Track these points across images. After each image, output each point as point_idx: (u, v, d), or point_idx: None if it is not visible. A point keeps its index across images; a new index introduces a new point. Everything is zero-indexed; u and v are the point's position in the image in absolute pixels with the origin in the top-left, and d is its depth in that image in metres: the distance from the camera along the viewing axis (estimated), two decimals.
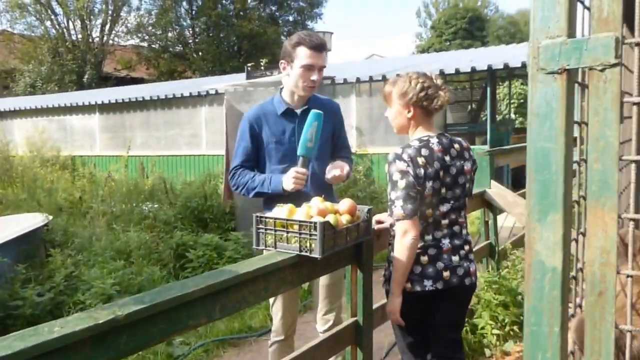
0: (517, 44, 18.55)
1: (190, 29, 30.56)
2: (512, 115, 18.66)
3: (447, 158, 2.61)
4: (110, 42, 29.85)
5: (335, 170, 3.02)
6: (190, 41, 30.60)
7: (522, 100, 20.69)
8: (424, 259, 2.63)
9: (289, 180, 2.88)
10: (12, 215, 7.67)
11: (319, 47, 2.99)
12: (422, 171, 2.52)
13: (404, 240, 2.52)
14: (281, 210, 2.47)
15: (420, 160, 2.53)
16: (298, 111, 3.11)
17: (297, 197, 2.81)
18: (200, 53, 29.47)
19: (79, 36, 28.98)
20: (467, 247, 2.73)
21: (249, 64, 13.51)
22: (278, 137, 3.08)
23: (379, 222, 2.97)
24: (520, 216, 5.13)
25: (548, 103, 1.16)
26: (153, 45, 30.05)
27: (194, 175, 12.00)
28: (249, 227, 2.63)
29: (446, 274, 2.62)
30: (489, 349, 4.21)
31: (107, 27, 29.26)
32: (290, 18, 31.58)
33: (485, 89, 15.12)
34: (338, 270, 3.00)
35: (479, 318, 4.32)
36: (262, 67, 13.20)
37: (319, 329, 3.25)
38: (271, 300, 3.21)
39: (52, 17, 28.79)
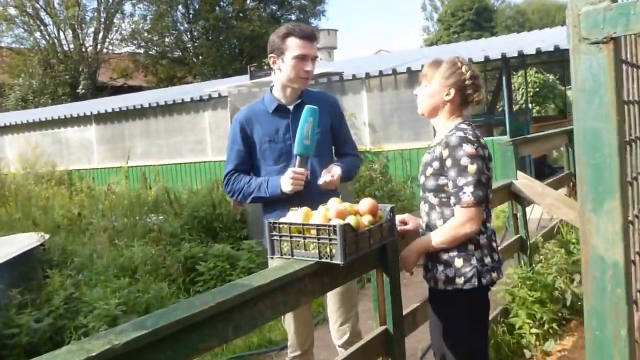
0: (529, 32, 18.46)
1: (188, 33, 30.75)
2: (529, 105, 18.50)
3: None
4: (105, 50, 30.04)
5: (326, 175, 2.93)
6: (189, 45, 30.81)
7: (537, 89, 20.57)
8: (494, 245, 2.64)
9: (287, 182, 2.82)
10: (5, 237, 7.51)
11: (310, 36, 2.95)
12: (486, 152, 2.55)
13: (464, 227, 2.47)
14: (296, 215, 2.38)
15: (482, 141, 2.56)
16: (290, 107, 3.05)
17: (299, 200, 2.74)
18: (200, 57, 29.64)
19: (71, 46, 29.19)
20: None
21: (252, 65, 13.52)
22: (271, 136, 3.01)
23: (403, 222, 2.88)
24: (551, 207, 5.01)
25: (595, 77, 1.07)
26: (150, 52, 30.26)
27: (200, 183, 11.96)
28: (262, 234, 2.56)
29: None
30: (528, 350, 4.13)
31: (101, 35, 29.43)
32: (293, 17, 31.69)
33: (499, 79, 15.04)
34: None
35: (515, 317, 4.24)
36: (266, 67, 13.18)
37: (335, 342, 3.16)
38: None
39: (42, 27, 29.01)
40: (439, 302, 2.68)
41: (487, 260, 2.56)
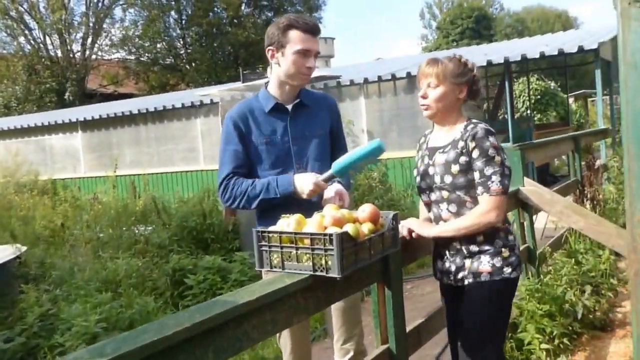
0: (531, 37, 18.50)
1: (180, 39, 30.66)
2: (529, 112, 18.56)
3: None
4: (94, 56, 29.86)
5: (335, 199, 2.68)
6: (182, 52, 30.73)
7: (539, 97, 20.67)
8: (517, 242, 2.75)
9: (306, 187, 2.61)
10: None
11: (314, 29, 2.77)
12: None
13: (489, 215, 2.52)
14: (287, 222, 2.19)
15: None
16: (289, 106, 2.85)
17: (295, 207, 2.53)
18: (193, 64, 29.57)
19: (58, 51, 28.98)
20: None
21: (245, 67, 13.42)
22: (268, 138, 2.81)
23: (410, 230, 2.75)
24: (561, 215, 4.87)
25: None
26: (141, 58, 30.13)
27: (192, 193, 11.79)
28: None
29: None
30: None
31: (89, 40, 29.27)
32: None
33: (501, 85, 15.01)
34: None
35: (523, 332, 4.13)
36: (259, 70, 13.08)
37: None
38: None
39: (26, 32, 28.82)
40: (478, 294, 2.62)
41: (514, 256, 2.65)
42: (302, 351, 2.94)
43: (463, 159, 2.55)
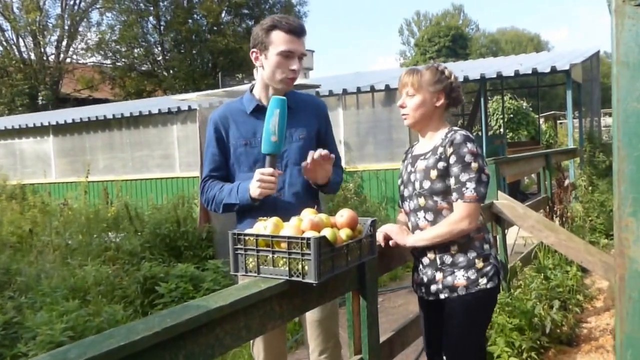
0: (506, 57, 18.80)
1: (159, 45, 30.37)
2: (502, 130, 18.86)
3: None
4: (68, 60, 29.42)
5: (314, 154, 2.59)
6: (160, 58, 30.43)
7: (511, 115, 21.07)
8: (494, 251, 2.68)
9: (253, 185, 2.52)
10: None
11: (299, 30, 2.68)
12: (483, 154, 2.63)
13: (463, 223, 2.49)
14: (265, 225, 2.13)
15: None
16: None
17: (274, 210, 2.49)
18: (171, 71, 29.30)
19: (31, 54, 28.52)
20: None
21: (225, 74, 13.33)
22: (248, 140, 2.74)
23: (386, 237, 2.70)
24: (533, 229, 4.91)
25: None
26: (118, 63, 29.76)
27: (167, 200, 11.65)
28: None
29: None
30: None
31: (64, 43, 28.85)
32: None
33: (476, 102, 15.18)
34: (332, 301, 2.68)
35: (493, 345, 4.14)
36: (238, 77, 13.01)
37: None
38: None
39: None
40: (456, 308, 2.59)
41: (498, 258, 2.69)
42: None
43: (441, 164, 2.54)
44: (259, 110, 2.74)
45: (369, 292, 2.51)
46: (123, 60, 29.55)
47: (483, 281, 2.55)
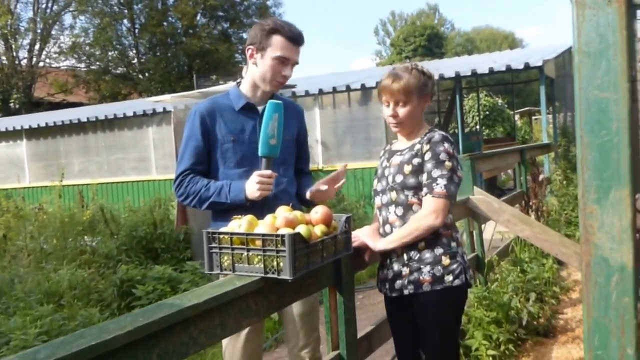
0: (480, 55, 18.96)
1: (133, 48, 30.12)
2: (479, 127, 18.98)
3: None
4: (41, 63, 29.05)
5: (323, 185, 2.75)
6: (135, 61, 30.18)
7: (487, 112, 21.21)
8: (461, 250, 2.69)
9: (252, 187, 2.52)
10: None
11: (298, 38, 2.69)
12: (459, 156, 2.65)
13: (429, 218, 2.48)
14: (239, 223, 2.13)
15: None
16: (260, 107, 2.76)
17: (258, 209, 2.47)
18: (147, 74, 29.08)
19: (3, 58, 28.11)
20: None
21: (200, 76, 13.27)
22: (236, 136, 2.72)
23: (362, 245, 2.68)
24: (508, 223, 4.95)
25: (602, 37, 0.88)
26: (92, 67, 29.45)
27: (143, 203, 11.55)
28: None
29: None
30: None
31: (37, 47, 28.49)
32: (244, 35, 31.45)
33: (452, 100, 15.29)
34: (313, 296, 2.69)
35: (471, 339, 4.13)
36: (213, 79, 12.97)
37: None
38: (224, 342, 2.78)
39: None
40: (421, 305, 2.57)
41: (465, 257, 2.66)
42: None
43: (416, 160, 2.55)
44: (247, 108, 2.76)
45: (346, 288, 2.52)
46: (97, 63, 29.30)
47: (449, 278, 2.53)
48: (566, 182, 9.06)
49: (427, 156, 2.54)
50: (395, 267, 2.60)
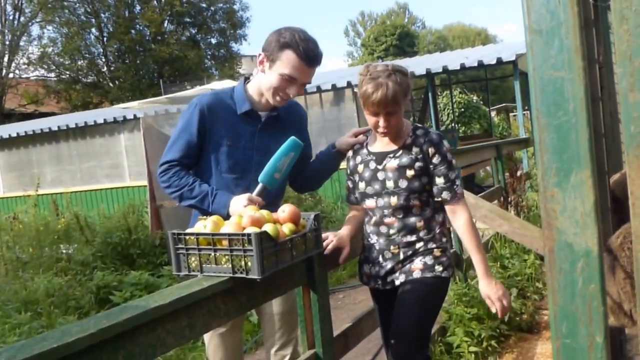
0: (452, 51, 19.07)
1: (102, 57, 29.90)
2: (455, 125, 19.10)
3: None
4: (11, 75, 28.65)
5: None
6: (104, 69, 29.94)
7: (462, 109, 21.30)
8: (449, 245, 2.77)
9: (239, 206, 2.43)
10: None
11: (313, 59, 2.59)
12: None
13: (468, 214, 2.62)
14: (204, 224, 2.10)
15: None
16: (263, 115, 2.71)
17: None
18: (117, 82, 28.85)
19: None
20: None
21: (170, 82, 13.22)
22: (232, 141, 2.65)
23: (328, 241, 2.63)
24: (485, 219, 4.94)
25: (553, 13, 0.86)
26: (62, 76, 29.13)
27: (118, 210, 11.47)
28: None
29: None
30: None
31: (6, 58, 28.08)
32: (213, 40, 31.32)
33: (425, 97, 15.34)
34: (293, 294, 2.66)
35: (452, 336, 4.15)
36: (184, 85, 12.90)
37: None
38: (206, 338, 2.80)
39: None
40: (409, 290, 2.60)
41: (450, 254, 2.73)
42: None
43: (418, 164, 2.55)
44: (250, 115, 2.69)
45: (319, 286, 2.48)
46: (67, 73, 28.92)
47: (439, 268, 2.59)
48: None
49: (437, 159, 2.56)
50: (389, 264, 2.62)
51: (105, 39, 29.27)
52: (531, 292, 5.20)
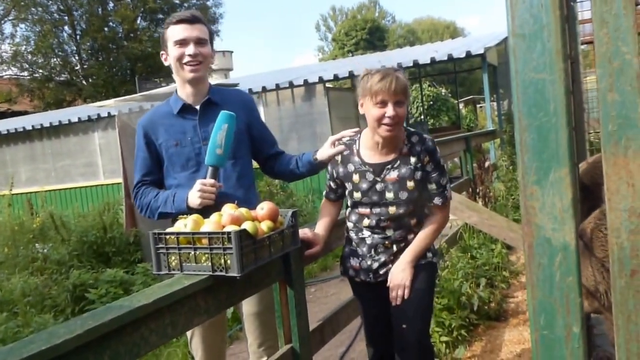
0: (422, 45, 19.17)
1: (76, 55, 29.46)
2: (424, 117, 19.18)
3: None
4: None
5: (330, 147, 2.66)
6: (78, 67, 29.53)
7: (431, 102, 21.42)
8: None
9: (194, 195, 2.46)
10: None
11: (188, 19, 2.66)
12: None
13: (447, 220, 2.72)
14: (184, 223, 2.07)
15: None
16: (197, 106, 2.72)
17: (208, 210, 2.39)
18: (90, 79, 28.48)
19: None
20: None
21: (143, 79, 13.08)
22: (178, 140, 2.68)
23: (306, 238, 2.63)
24: (455, 210, 4.98)
25: (536, 17, 0.86)
26: (35, 75, 28.66)
27: (93, 208, 11.33)
28: None
29: None
30: (438, 358, 4.05)
31: None
32: None
33: None
34: (269, 293, 2.64)
35: None
36: (157, 81, 12.78)
37: None
38: (189, 334, 2.80)
39: None
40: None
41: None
42: (215, 355, 2.81)
43: (418, 174, 2.57)
44: (185, 110, 2.72)
45: (296, 282, 2.48)
46: (40, 71, 28.54)
47: (430, 255, 2.68)
48: (512, 167, 9.18)
49: (430, 167, 2.59)
50: (383, 258, 2.64)
51: (78, 36, 28.89)
52: (499, 281, 5.25)
